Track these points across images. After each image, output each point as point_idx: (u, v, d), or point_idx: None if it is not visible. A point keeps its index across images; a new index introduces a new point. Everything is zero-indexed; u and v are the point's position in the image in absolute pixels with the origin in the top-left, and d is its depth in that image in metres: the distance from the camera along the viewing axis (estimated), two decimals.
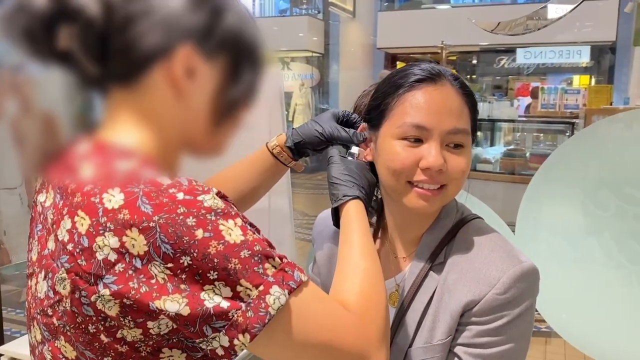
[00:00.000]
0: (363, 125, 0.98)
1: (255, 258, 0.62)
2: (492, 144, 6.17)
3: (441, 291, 0.91)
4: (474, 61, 12.56)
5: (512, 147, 5.85)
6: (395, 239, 1.01)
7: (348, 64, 11.08)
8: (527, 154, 5.47)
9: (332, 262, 1.09)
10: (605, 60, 10.46)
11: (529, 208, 1.66)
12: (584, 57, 10.27)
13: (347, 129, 1.00)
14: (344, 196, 0.89)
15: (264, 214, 1.40)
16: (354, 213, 0.87)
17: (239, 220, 0.63)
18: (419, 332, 0.92)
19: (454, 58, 11.94)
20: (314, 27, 11.39)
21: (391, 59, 11.65)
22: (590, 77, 10.99)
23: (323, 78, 11.81)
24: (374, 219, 1.06)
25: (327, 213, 1.16)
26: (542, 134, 6.18)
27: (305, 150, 1.04)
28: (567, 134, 5.38)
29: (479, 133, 6.21)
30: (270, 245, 0.65)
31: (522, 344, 0.89)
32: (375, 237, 1.06)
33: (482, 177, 5.21)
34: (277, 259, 0.63)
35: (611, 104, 5.84)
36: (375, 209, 1.07)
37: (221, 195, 0.65)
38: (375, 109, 0.94)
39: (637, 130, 1.61)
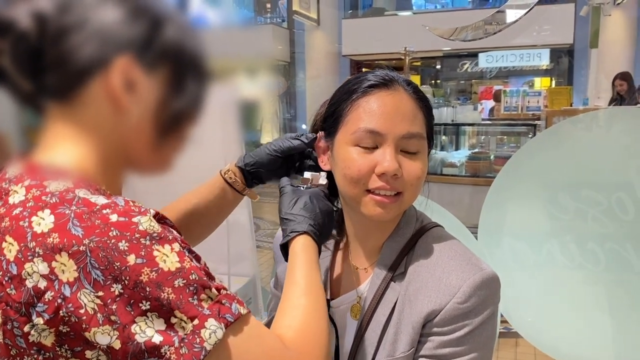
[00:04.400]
0: (320, 133, 0.97)
1: (191, 288, 0.58)
2: (457, 148, 6.23)
3: (402, 302, 0.90)
4: (438, 66, 12.75)
5: (476, 150, 5.93)
6: (356, 250, 1.00)
7: (314, 72, 11.11)
8: (492, 157, 5.55)
9: None
10: (564, 63, 10.75)
11: (490, 212, 1.67)
12: (544, 60, 10.54)
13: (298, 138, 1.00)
14: (292, 232, 0.87)
15: (221, 228, 1.37)
16: (300, 249, 0.85)
17: (176, 246, 0.59)
18: (381, 345, 0.90)
19: (418, 64, 12.09)
20: (279, 35, 11.39)
21: (356, 65, 11.73)
22: (551, 79, 11.28)
23: (289, 86, 11.81)
24: (335, 231, 1.05)
25: None
26: (505, 137, 6.28)
27: (260, 176, 1.02)
28: (530, 135, 5.48)
29: (444, 137, 6.28)
30: (209, 275, 0.61)
31: (485, 352, 0.88)
32: (336, 248, 1.05)
33: (448, 181, 5.27)
34: (214, 290, 0.60)
35: (571, 105, 5.98)
36: (336, 220, 1.05)
37: (159, 217, 0.61)
38: (330, 117, 0.93)
39: (596, 131, 1.64)
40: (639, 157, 1.45)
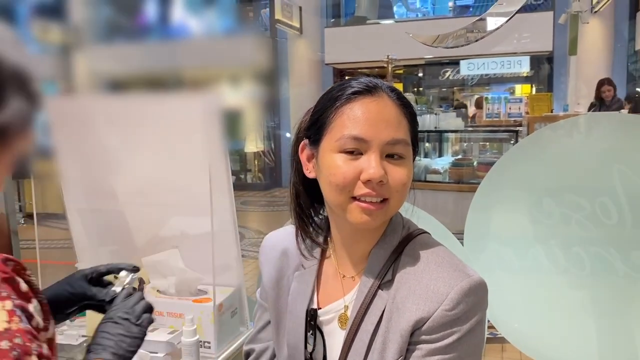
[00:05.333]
0: (304, 142, 0.96)
1: (14, 352, 0.53)
2: (440, 155, 6.27)
3: (390, 310, 0.89)
4: (420, 74, 12.83)
5: (459, 156, 5.97)
6: (343, 257, 0.99)
7: (297, 80, 11.10)
8: (475, 163, 5.59)
9: (280, 285, 1.06)
10: (544, 70, 10.88)
11: (475, 218, 1.67)
12: (524, 67, 10.66)
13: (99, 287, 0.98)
14: None
15: (206, 238, 1.35)
16: None
17: (8, 303, 0.54)
18: (369, 354, 0.89)
19: (401, 72, 12.16)
20: (262, 44, 11.35)
21: (339, 74, 11.76)
22: (531, 86, 11.40)
23: (273, 95, 11.78)
24: (321, 239, 1.04)
25: (273, 235, 1.13)
26: (487, 143, 6.34)
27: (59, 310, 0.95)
28: (512, 141, 5.54)
29: (427, 144, 6.32)
30: (35, 337, 0.57)
31: (474, 359, 0.88)
32: (323, 256, 1.04)
33: (432, 188, 5.29)
34: (34, 357, 0.55)
35: (552, 112, 6.05)
36: (321, 227, 1.04)
37: (11, 263, 0.56)
38: (314, 124, 0.93)
39: (577, 136, 1.65)
40: (622, 162, 1.46)
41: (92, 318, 1.43)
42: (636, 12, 9.30)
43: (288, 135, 11.48)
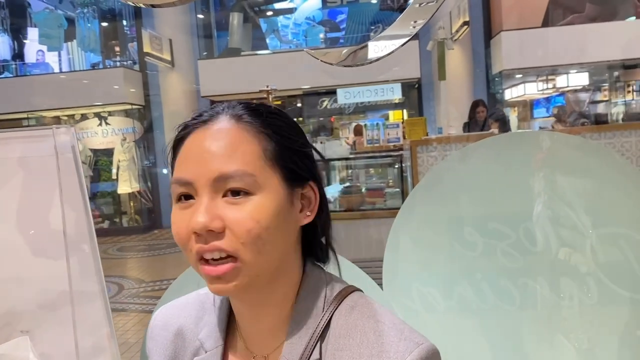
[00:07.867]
0: None
1: None
2: (329, 183, 6.23)
3: None
4: (299, 104, 12.98)
5: (348, 184, 5.95)
6: (250, 332, 0.75)
7: (172, 115, 10.67)
8: (363, 189, 5.59)
9: None
10: (413, 95, 11.48)
11: (393, 259, 1.49)
12: (396, 94, 11.17)
13: None
14: None
15: (66, 316, 1.02)
16: None
17: None
18: None
19: (280, 102, 12.19)
20: (131, 78, 10.82)
21: None
22: (403, 112, 11.98)
23: (146, 130, 11.22)
24: (219, 314, 0.79)
25: (164, 312, 0.86)
26: (372, 169, 6.41)
27: None
28: (397, 166, 5.62)
29: None
30: None
31: None
32: (228, 332, 0.79)
33: None
34: None
35: (427, 134, 6.27)
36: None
37: None
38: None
39: (491, 158, 1.52)
40: (541, 183, 1.38)
41: None
42: (490, 39, 10.15)
43: (165, 171, 10.94)
